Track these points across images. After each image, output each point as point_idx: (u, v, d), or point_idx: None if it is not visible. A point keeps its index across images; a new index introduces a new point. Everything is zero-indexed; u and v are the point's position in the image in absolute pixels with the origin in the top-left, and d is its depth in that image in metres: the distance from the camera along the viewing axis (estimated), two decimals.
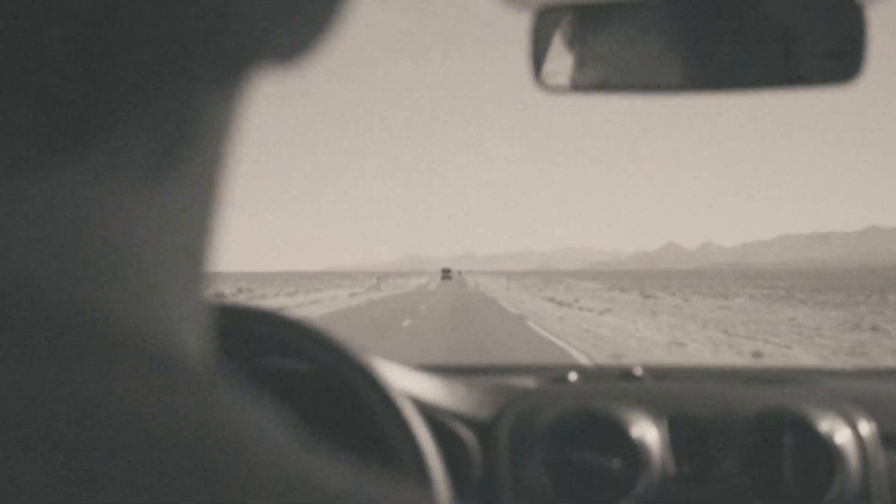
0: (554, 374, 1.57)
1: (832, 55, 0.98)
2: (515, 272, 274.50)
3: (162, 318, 0.24)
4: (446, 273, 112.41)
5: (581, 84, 1.03)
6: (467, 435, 1.32)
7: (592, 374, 1.65)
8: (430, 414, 1.25)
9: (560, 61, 1.03)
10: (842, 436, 1.33)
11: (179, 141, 0.24)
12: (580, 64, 1.03)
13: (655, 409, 1.38)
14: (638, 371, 1.57)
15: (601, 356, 14.39)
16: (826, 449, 1.32)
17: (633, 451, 1.32)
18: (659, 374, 1.59)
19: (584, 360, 12.95)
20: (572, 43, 1.03)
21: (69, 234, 0.22)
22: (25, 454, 0.17)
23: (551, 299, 41.14)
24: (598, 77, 1.03)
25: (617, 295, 48.80)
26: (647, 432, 1.35)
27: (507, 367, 1.78)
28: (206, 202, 0.27)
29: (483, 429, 1.34)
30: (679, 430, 1.37)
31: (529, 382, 1.53)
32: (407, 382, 1.25)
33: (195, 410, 0.20)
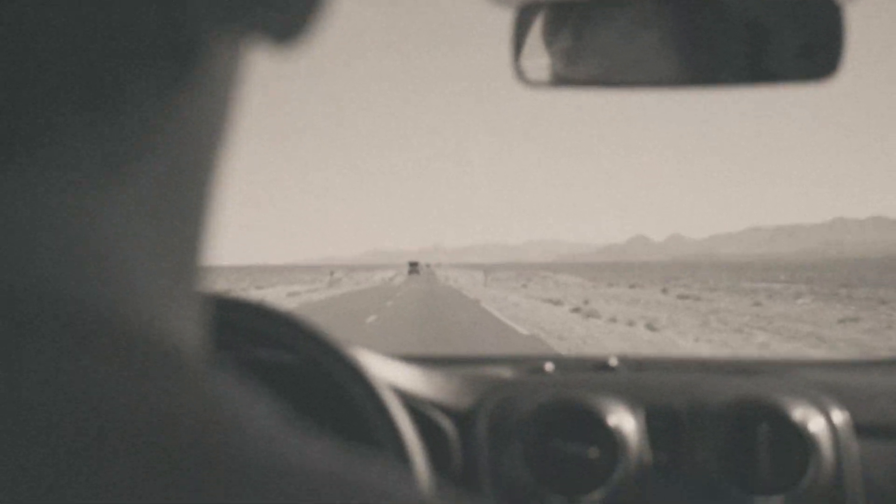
0: (531, 365, 1.59)
1: (804, 53, 0.99)
2: (484, 265, 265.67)
3: (152, 311, 0.24)
4: (413, 267, 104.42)
5: (559, 79, 1.06)
6: (447, 424, 1.34)
7: (569, 365, 1.64)
8: (410, 403, 1.27)
9: (539, 56, 1.06)
10: (815, 425, 1.34)
11: (136, 135, 0.23)
12: (559, 59, 1.06)
13: (632, 399, 1.40)
14: (614, 362, 1.58)
15: None
16: (800, 438, 1.34)
17: (611, 440, 1.34)
18: (634, 364, 1.60)
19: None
20: (551, 38, 1.06)
21: (39, 232, 0.22)
22: (26, 448, 0.18)
23: (555, 302, 29.42)
24: (574, 73, 1.06)
25: (632, 293, 37.49)
26: (624, 421, 1.36)
27: (485, 357, 1.76)
28: (187, 194, 0.26)
29: (462, 418, 1.36)
30: (655, 420, 1.39)
31: (507, 373, 1.55)
32: (388, 372, 1.28)
33: (189, 399, 0.20)
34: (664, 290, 39.66)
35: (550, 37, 1.05)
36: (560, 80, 1.04)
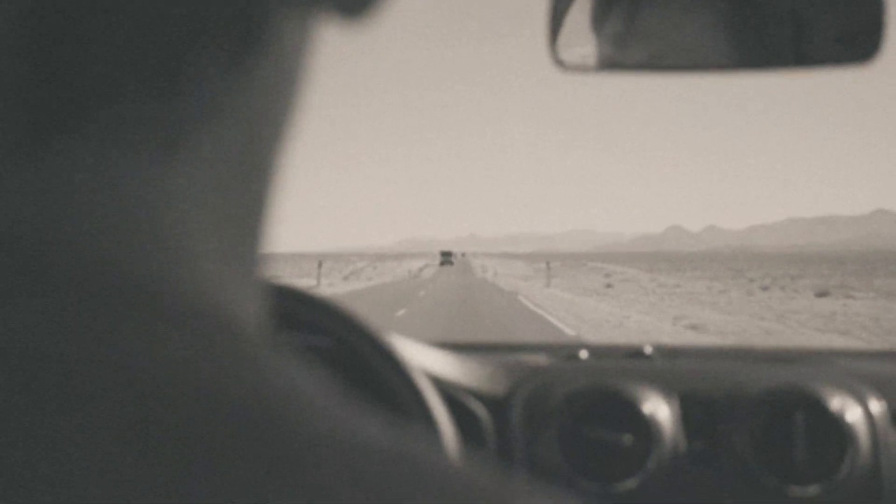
0: (565, 352, 1.59)
1: (845, 38, 0.99)
2: (519, 254, 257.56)
3: (211, 285, 0.23)
4: (446, 257, 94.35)
5: (605, 63, 1.06)
6: (481, 410, 1.34)
7: (604, 353, 1.65)
8: (445, 389, 1.27)
9: (582, 40, 1.05)
10: (853, 414, 1.34)
11: (198, 111, 0.23)
12: (608, 43, 1.05)
13: (667, 387, 1.39)
14: (648, 349, 1.57)
15: None
16: (837, 427, 1.33)
17: (645, 428, 1.34)
18: (669, 353, 1.60)
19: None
20: (587, 21, 1.05)
21: (98, 205, 0.22)
22: (76, 416, 0.18)
23: None
24: (623, 56, 1.05)
25: (837, 308, 23.44)
26: (659, 409, 1.36)
27: (519, 344, 1.77)
28: (251, 172, 0.26)
29: (496, 405, 1.36)
30: (690, 408, 1.38)
31: (541, 360, 1.54)
32: (423, 358, 1.28)
33: (245, 372, 0.20)
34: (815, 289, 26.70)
35: (599, 20, 1.03)
36: (607, 64, 1.04)
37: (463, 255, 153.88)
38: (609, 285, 37.79)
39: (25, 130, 0.21)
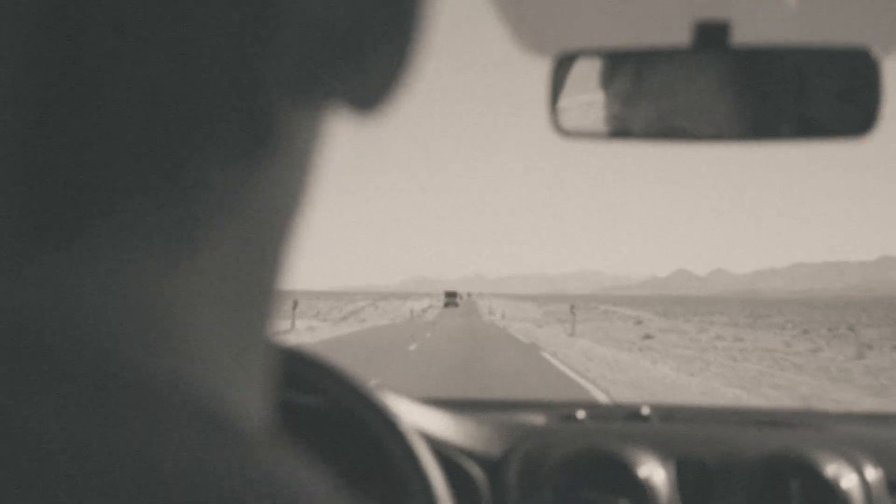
0: (563, 412, 1.57)
1: (843, 98, 1.02)
2: (526, 295, 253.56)
3: (217, 383, 0.24)
4: (451, 298, 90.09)
5: (595, 130, 1.06)
6: (476, 472, 1.33)
7: (601, 413, 1.64)
8: (440, 450, 1.27)
9: (576, 107, 1.06)
10: (848, 481, 1.33)
11: (207, 207, 0.23)
12: (596, 110, 1.06)
13: (663, 451, 1.39)
14: (646, 411, 1.56)
15: None
16: (832, 494, 1.32)
17: (641, 492, 1.34)
18: (666, 414, 1.59)
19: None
20: (589, 89, 1.06)
21: (106, 302, 0.22)
22: None
23: None
24: (613, 124, 1.06)
25: None
26: (655, 473, 1.36)
27: (517, 402, 1.75)
28: (259, 266, 0.26)
29: (492, 466, 1.36)
30: (686, 472, 1.37)
31: (539, 420, 1.53)
32: (418, 418, 1.28)
33: (248, 474, 0.20)
34: None
35: (587, 86, 1.05)
36: (594, 130, 1.05)
37: (469, 295, 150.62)
38: (648, 336, 30.78)
39: (36, 228, 0.21)
